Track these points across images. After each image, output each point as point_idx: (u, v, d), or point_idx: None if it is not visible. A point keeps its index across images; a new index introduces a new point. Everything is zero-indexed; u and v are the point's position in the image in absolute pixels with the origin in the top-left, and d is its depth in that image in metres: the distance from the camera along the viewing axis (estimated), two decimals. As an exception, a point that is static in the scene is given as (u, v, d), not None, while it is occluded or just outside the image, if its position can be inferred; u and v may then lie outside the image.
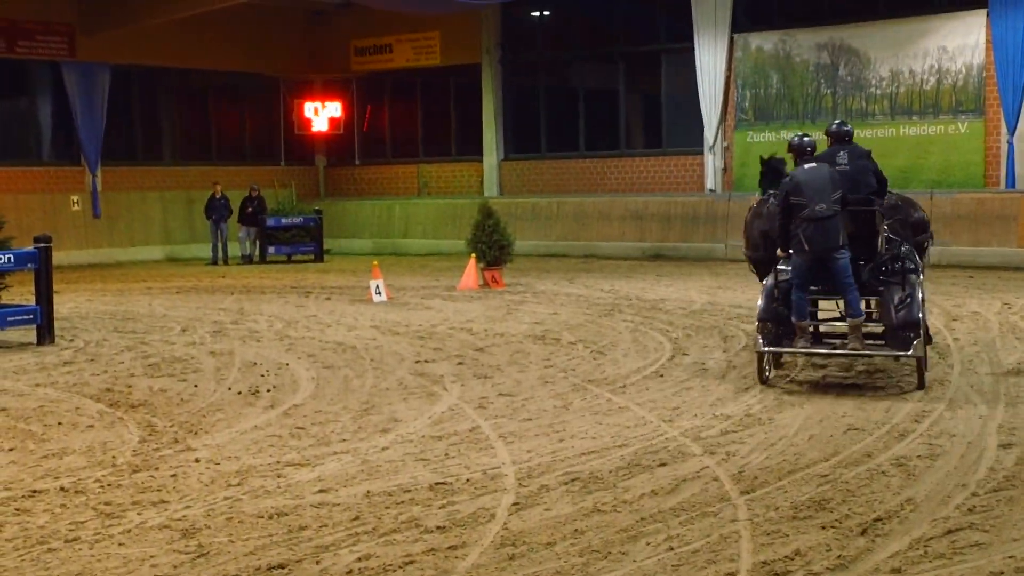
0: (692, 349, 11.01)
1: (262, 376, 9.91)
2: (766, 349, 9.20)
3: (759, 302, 9.42)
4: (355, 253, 25.73)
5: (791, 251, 9.29)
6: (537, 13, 26.08)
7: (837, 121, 10.50)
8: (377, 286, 15.67)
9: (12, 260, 11.86)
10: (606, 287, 16.66)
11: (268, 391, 9.23)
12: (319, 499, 6.12)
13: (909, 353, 8.83)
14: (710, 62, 22.47)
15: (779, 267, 9.50)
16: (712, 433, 7.52)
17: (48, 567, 5.10)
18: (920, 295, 9.08)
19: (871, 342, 9.35)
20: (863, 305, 9.39)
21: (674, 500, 5.99)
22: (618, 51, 24.53)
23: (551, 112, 25.71)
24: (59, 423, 8.11)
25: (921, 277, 9.39)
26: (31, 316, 11.97)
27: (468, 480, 6.45)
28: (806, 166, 9.35)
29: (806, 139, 9.60)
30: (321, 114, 27.96)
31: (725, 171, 22.64)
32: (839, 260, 9.07)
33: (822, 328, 9.93)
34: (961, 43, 20.27)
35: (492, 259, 17.30)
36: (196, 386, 9.48)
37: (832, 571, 4.93)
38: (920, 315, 8.92)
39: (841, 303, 9.67)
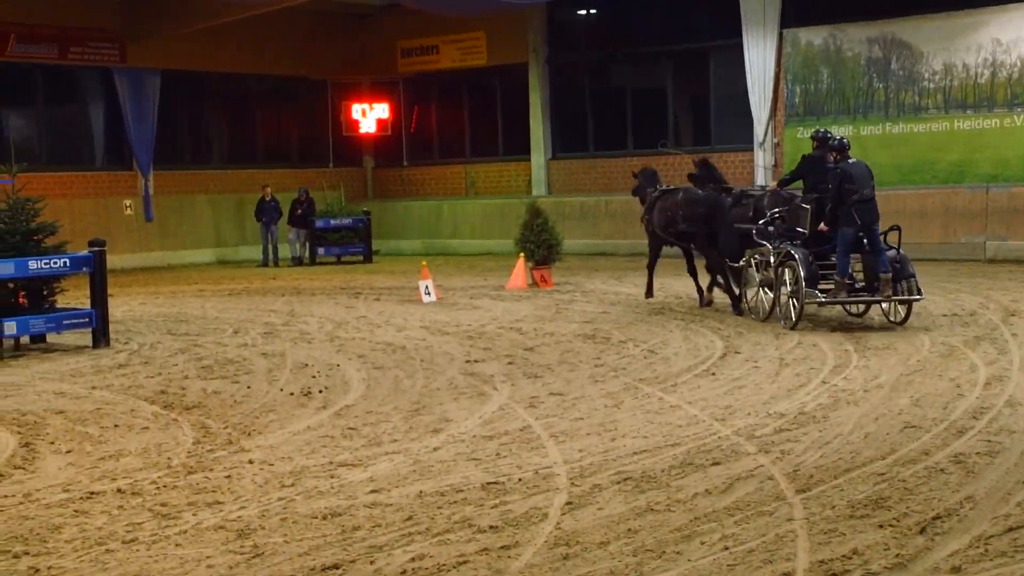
0: (744, 347, 10.92)
1: (313, 377, 9.96)
2: (823, 300, 11.75)
3: (801, 271, 11.57)
4: (404, 254, 25.82)
5: (825, 227, 11.91)
6: (583, 12, 26.02)
7: (823, 130, 13.24)
8: (426, 286, 15.70)
9: (67, 264, 12.01)
10: (656, 285, 16.55)
11: (320, 392, 9.27)
12: (372, 499, 6.13)
13: (920, 297, 11.68)
14: (759, 58, 22.29)
15: (791, 249, 11.86)
16: (766, 431, 7.45)
17: (106, 568, 5.15)
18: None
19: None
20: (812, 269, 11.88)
21: (728, 499, 5.94)
22: (665, 49, 24.41)
23: (598, 111, 25.63)
24: (115, 425, 8.19)
25: None
26: (86, 319, 12.13)
27: (520, 480, 6.43)
28: (851, 160, 11.91)
29: (845, 140, 12.15)
30: (368, 116, 28.09)
31: (776, 167, 22.44)
32: (875, 231, 11.71)
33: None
34: (1015, 35, 19.94)
35: (541, 258, 17.27)
36: (249, 387, 9.55)
37: (891, 570, 4.86)
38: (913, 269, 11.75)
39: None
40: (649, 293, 14.85)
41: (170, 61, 24.80)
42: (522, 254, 17.24)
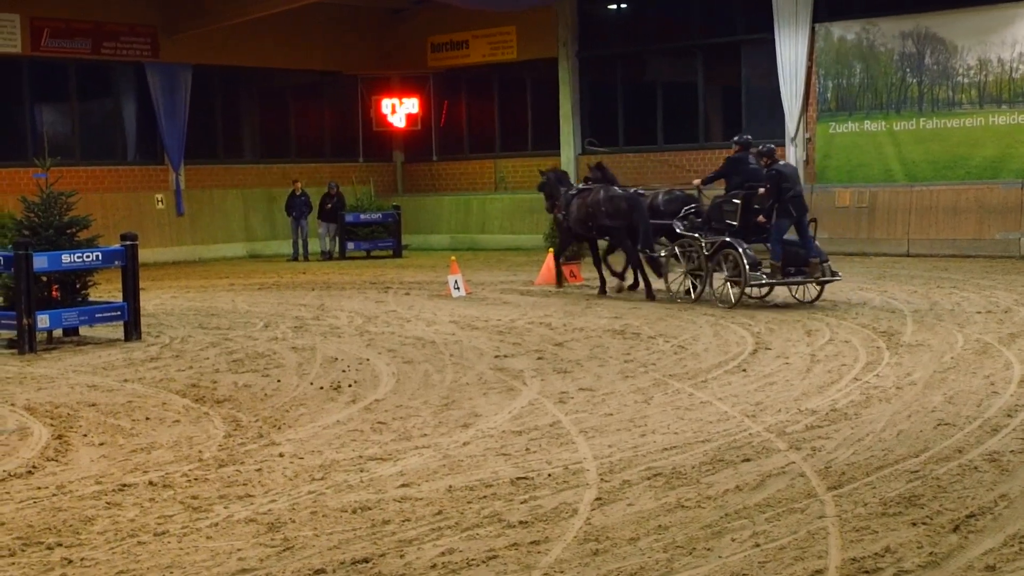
0: (775, 343, 10.86)
1: (343, 371, 9.98)
2: (764, 281, 13.34)
3: (743, 260, 13.19)
4: (433, 248, 25.85)
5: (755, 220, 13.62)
6: (614, 6, 25.95)
7: (746, 136, 14.59)
8: (455, 281, 15.71)
9: (100, 258, 12.10)
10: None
11: (349, 386, 9.29)
12: (401, 493, 6.13)
13: (839, 277, 13.56)
14: (791, 53, 22.15)
15: (728, 239, 13.51)
16: (797, 428, 7.40)
17: (138, 559, 5.18)
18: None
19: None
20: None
21: (759, 496, 5.90)
22: (696, 43, 24.30)
23: (629, 105, 25.55)
24: (147, 418, 8.24)
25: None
26: (119, 313, 12.21)
27: (549, 475, 6.42)
28: (781, 162, 13.85)
29: (772, 146, 13.84)
30: (399, 110, 28.12)
31: (807, 163, 22.31)
32: (805, 222, 13.56)
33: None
34: (1051, 29, 19.74)
35: (570, 253, 17.24)
36: (279, 381, 9.58)
37: (924, 568, 4.82)
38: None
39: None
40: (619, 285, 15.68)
41: (202, 56, 24.94)
42: (551, 249, 17.21)
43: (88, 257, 11.96)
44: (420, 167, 28.75)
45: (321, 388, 9.24)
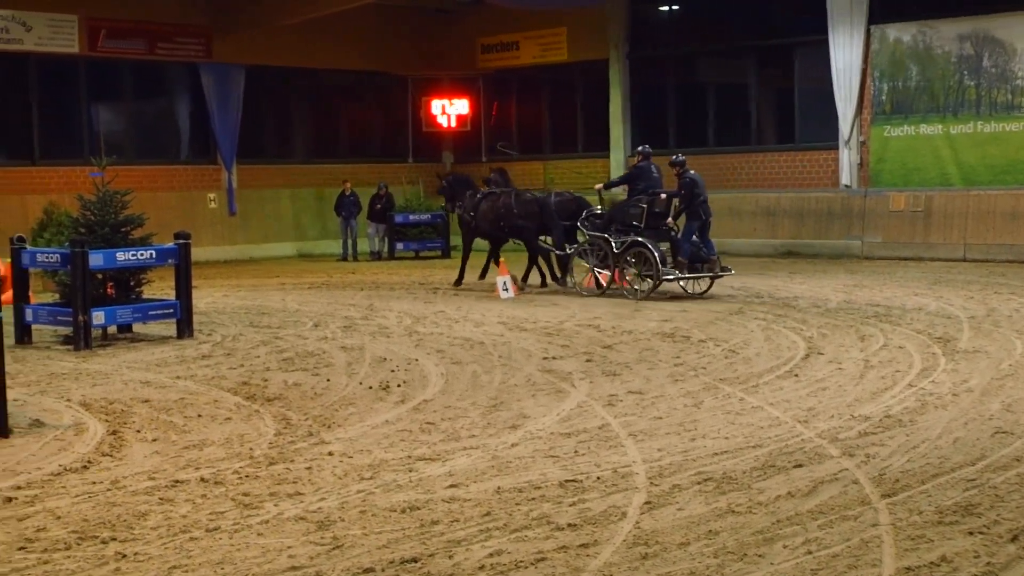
0: (827, 348, 10.74)
1: (392, 371, 10.00)
2: (672, 277, 14.85)
3: (656, 257, 14.68)
4: (482, 250, 25.81)
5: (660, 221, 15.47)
6: (665, 7, 25.82)
7: (648, 147, 16.25)
8: (504, 282, 15.71)
9: (154, 256, 12.24)
10: (736, 284, 16.38)
11: (398, 386, 9.31)
12: (450, 494, 6.13)
13: (732, 272, 15.42)
14: (845, 55, 21.91)
15: (639, 239, 14.94)
16: (850, 435, 7.31)
17: (190, 555, 5.22)
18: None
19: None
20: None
21: (812, 502, 5.83)
22: (749, 45, 24.12)
23: (679, 107, 25.41)
24: (199, 415, 8.31)
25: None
26: (171, 310, 12.34)
27: (598, 478, 6.39)
28: (691, 172, 15.42)
29: (683, 157, 15.71)
30: (448, 111, 28.17)
31: (861, 166, 22.07)
32: (710, 223, 15.31)
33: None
34: (1113, 31, 19.36)
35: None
36: (328, 380, 9.63)
37: (981, 580, 4.74)
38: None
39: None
40: (481, 276, 17.26)
41: (255, 57, 25.15)
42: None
43: (142, 255, 12.10)
44: (470, 168, 28.69)
45: (370, 388, 9.27)
